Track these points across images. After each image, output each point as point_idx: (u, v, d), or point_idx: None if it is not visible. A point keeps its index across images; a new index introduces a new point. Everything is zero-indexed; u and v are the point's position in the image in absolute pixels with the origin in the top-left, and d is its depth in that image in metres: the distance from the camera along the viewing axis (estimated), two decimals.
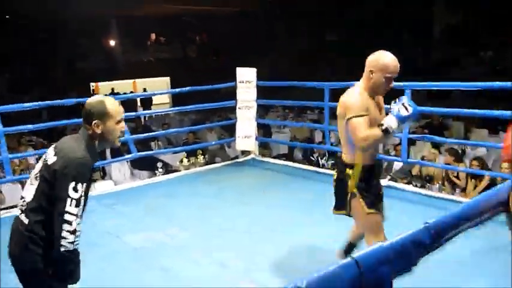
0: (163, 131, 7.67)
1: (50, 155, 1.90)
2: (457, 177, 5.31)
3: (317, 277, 0.73)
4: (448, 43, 14.60)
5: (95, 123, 1.91)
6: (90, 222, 4.22)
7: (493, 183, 4.81)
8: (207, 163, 6.84)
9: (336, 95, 5.46)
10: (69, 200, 1.79)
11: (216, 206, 4.46)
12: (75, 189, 1.80)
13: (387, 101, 2.56)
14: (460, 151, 6.21)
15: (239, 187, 5.07)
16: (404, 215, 3.98)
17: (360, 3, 15.60)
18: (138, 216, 4.30)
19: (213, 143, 7.41)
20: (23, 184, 6.38)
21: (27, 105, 4.79)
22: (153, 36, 21.86)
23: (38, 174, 1.90)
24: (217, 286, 2.94)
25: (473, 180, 5.15)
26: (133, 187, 5.41)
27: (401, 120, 2.26)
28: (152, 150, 8.01)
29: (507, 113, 4.25)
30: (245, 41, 19.68)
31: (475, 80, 4.75)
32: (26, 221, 1.90)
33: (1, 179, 5.23)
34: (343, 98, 2.44)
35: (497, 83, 4.02)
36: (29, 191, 1.91)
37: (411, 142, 6.49)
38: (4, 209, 4.88)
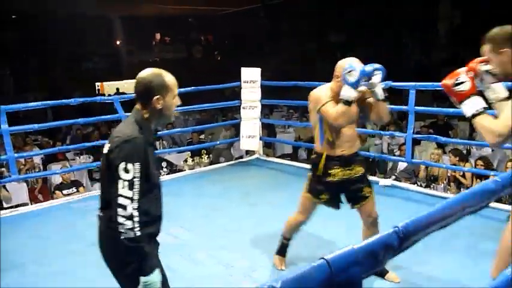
0: (168, 131, 7.69)
1: (105, 145, 1.79)
2: (463, 176, 5.30)
3: (291, 277, 0.76)
4: (451, 43, 14.56)
5: (156, 98, 1.77)
6: (93, 221, 4.27)
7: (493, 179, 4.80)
8: (211, 163, 6.87)
9: None
10: (120, 182, 1.65)
11: (220, 206, 4.48)
12: (126, 170, 1.65)
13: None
14: (465, 151, 6.19)
15: (244, 187, 5.08)
16: (404, 214, 3.99)
17: (360, 3, 15.59)
18: None
19: (218, 142, 7.43)
20: (28, 183, 6.44)
21: (32, 104, 4.83)
22: (158, 36, 21.94)
23: (100, 168, 1.82)
24: (222, 286, 2.96)
25: (478, 180, 5.14)
26: None
27: (352, 85, 2.48)
28: (157, 149, 8.04)
29: None
30: (249, 41, 19.73)
31: None
32: (102, 217, 1.85)
33: (7, 178, 5.26)
34: (312, 93, 2.76)
35: (502, 82, 3.99)
36: (99, 188, 1.85)
37: (416, 142, 6.48)
38: (10, 207, 4.92)
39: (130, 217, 1.66)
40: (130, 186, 1.66)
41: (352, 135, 2.76)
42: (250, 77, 5.89)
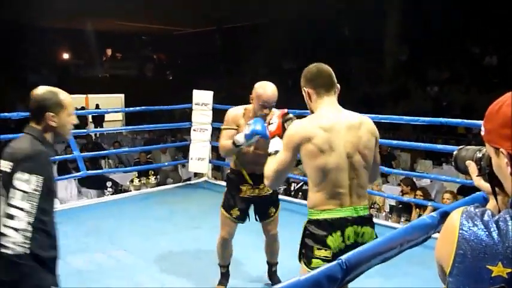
0: (115, 150, 7.51)
1: (2, 163, 1.68)
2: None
3: None
4: (398, 77, 15.29)
5: (48, 115, 1.73)
6: None
7: (429, 214, 5.03)
8: (158, 184, 6.74)
9: None
10: (17, 192, 1.54)
11: (165, 229, 4.39)
12: (27, 181, 1.56)
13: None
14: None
15: (190, 210, 5.02)
16: None
17: (313, 33, 16.12)
18: (83, 236, 4.16)
19: (166, 164, 7.32)
20: None
21: None
22: (109, 52, 21.54)
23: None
24: None
25: (417, 209, 5.36)
26: (79, 206, 5.24)
27: (246, 137, 2.65)
28: (102, 168, 7.81)
29: (449, 147, 4.49)
30: (203, 63, 19.78)
31: (422, 113, 5.00)
32: None
33: None
34: (227, 112, 3.01)
35: (443, 119, 4.25)
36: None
37: None
38: None
39: (22, 230, 1.54)
40: (29, 198, 1.56)
41: (259, 157, 2.79)
42: (202, 100, 5.89)
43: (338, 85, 2.07)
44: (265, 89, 2.78)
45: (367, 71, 16.24)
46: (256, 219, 3.09)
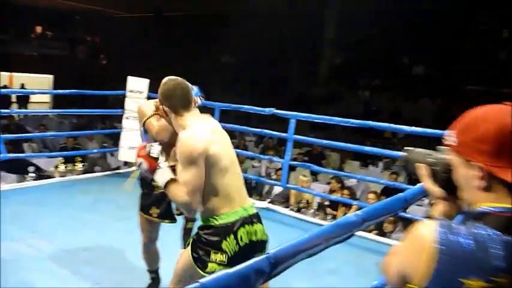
0: (40, 133, 7.11)
1: None
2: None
3: None
4: (332, 80, 15.82)
5: None
6: None
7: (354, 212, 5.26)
8: (85, 171, 6.48)
9: (226, 115, 5.58)
10: None
11: (89, 219, 4.22)
12: None
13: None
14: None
15: (117, 200, 4.86)
16: (276, 237, 4.17)
17: (255, 31, 16.22)
18: (1, 223, 3.90)
19: (95, 151, 7.05)
20: None
21: None
22: (38, 29, 20.29)
23: None
24: None
25: (343, 207, 5.58)
26: None
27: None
28: (24, 152, 7.37)
29: (375, 149, 4.73)
30: (138, 50, 19.23)
31: (353, 116, 5.20)
32: None
33: None
34: (138, 107, 2.93)
35: (372, 122, 4.44)
36: None
37: (291, 168, 6.84)
38: None
39: None
40: None
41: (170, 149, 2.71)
42: (137, 87, 5.73)
43: (196, 98, 2.16)
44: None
45: (303, 73, 16.65)
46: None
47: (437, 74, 14.15)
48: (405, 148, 1.24)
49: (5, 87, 16.51)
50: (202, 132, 1.91)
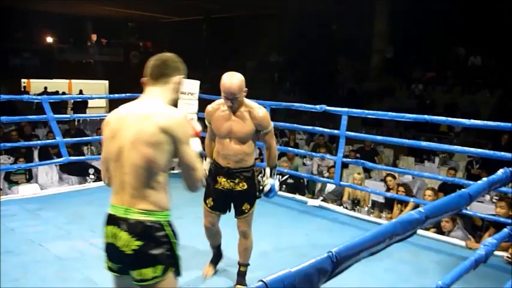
0: (98, 136, 7.40)
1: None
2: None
3: None
4: (383, 74, 15.43)
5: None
6: (9, 227, 4.00)
7: (416, 209, 5.08)
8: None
9: (277, 114, 5.57)
10: None
11: None
12: None
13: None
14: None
15: (173, 200, 4.97)
16: (332, 236, 4.13)
17: (301, 28, 16.11)
18: (64, 223, 4.10)
19: None
20: None
21: None
22: (94, 37, 21.20)
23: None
24: None
25: (398, 205, 5.43)
26: (61, 192, 5.16)
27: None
28: (85, 155, 7.71)
29: (433, 144, 4.54)
30: (188, 52, 19.61)
31: (406, 110, 5.05)
32: None
33: None
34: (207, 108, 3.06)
35: (428, 116, 4.29)
36: None
37: (344, 165, 6.73)
38: None
39: None
40: None
41: (239, 151, 2.84)
42: (189, 89, 5.82)
43: (178, 77, 1.95)
44: (225, 79, 2.76)
45: (353, 68, 16.35)
46: (235, 216, 3.07)
47: (496, 64, 13.46)
48: None
49: (64, 93, 17.36)
50: (115, 111, 1.86)
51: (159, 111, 1.77)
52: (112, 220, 1.77)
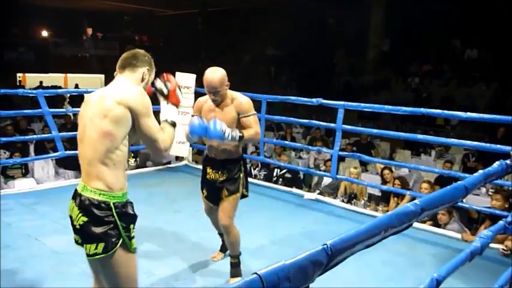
0: None
1: None
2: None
3: None
4: (379, 68, 15.42)
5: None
6: (6, 222, 3.99)
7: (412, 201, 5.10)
8: (138, 166, 6.68)
9: (273, 107, 5.56)
10: None
11: (144, 212, 4.32)
12: None
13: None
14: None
15: (170, 193, 4.99)
16: (328, 229, 4.14)
17: (297, 22, 16.07)
18: (61, 217, 4.08)
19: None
20: None
21: None
22: (89, 30, 21.07)
23: None
24: None
25: (395, 198, 5.45)
26: (57, 187, 5.15)
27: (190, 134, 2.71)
28: None
29: (429, 137, 4.55)
30: (184, 46, 19.54)
31: (402, 104, 5.04)
32: None
33: None
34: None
35: (424, 109, 4.29)
36: None
37: (341, 159, 6.74)
38: None
39: None
40: None
41: (221, 144, 2.86)
42: (185, 82, 5.81)
43: (145, 68, 2.04)
44: (207, 74, 2.80)
45: (349, 61, 16.32)
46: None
47: (492, 57, 13.46)
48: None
49: (59, 88, 17.28)
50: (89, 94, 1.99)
51: (118, 89, 1.89)
52: (73, 195, 1.91)
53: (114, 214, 1.83)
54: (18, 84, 17.97)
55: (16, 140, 6.10)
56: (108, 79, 2.21)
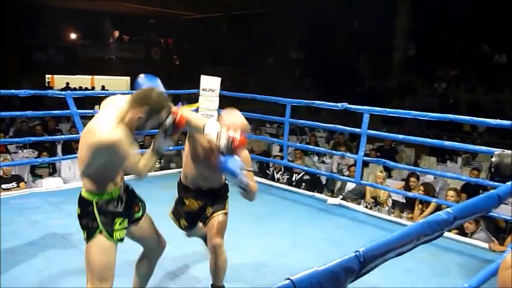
0: None
1: None
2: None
3: None
4: (405, 72, 15.22)
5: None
6: (34, 219, 4.08)
7: (438, 209, 5.01)
8: (162, 168, 6.74)
9: (297, 111, 5.56)
10: None
11: (166, 213, 4.38)
12: None
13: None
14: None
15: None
16: (351, 234, 4.10)
17: (320, 25, 16.02)
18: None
19: (171, 148, 7.31)
20: None
21: None
22: (116, 33, 21.44)
23: None
24: None
25: (420, 205, 5.35)
26: None
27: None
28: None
29: (457, 144, 4.46)
30: (209, 49, 19.70)
31: (427, 109, 4.97)
32: None
33: None
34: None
35: (452, 115, 4.21)
36: None
37: (364, 164, 6.66)
38: None
39: None
40: None
41: (208, 174, 2.65)
42: (210, 85, 5.86)
43: (144, 108, 2.13)
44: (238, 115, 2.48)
45: (374, 65, 16.17)
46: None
47: None
48: (496, 153, 1.17)
49: (86, 89, 17.61)
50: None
51: (98, 129, 2.08)
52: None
53: (95, 210, 2.18)
54: (47, 85, 18.39)
55: (44, 139, 6.24)
56: (134, 82, 2.33)
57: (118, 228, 2.24)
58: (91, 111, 5.84)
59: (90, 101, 15.72)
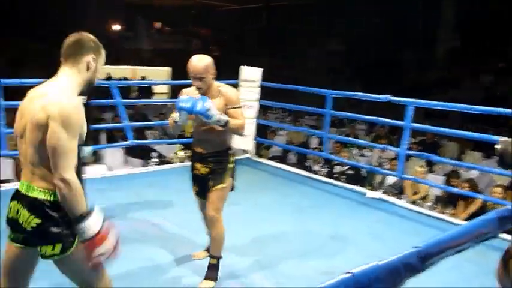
0: (160, 121, 7.63)
1: None
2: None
3: None
4: (450, 64, 14.75)
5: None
6: None
7: (483, 206, 4.85)
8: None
9: (337, 103, 5.49)
10: None
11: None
12: None
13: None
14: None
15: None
16: (392, 229, 4.03)
17: (365, 17, 15.70)
18: (128, 203, 4.27)
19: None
20: (15, 160, 6.32)
21: (29, 80, 4.75)
22: (157, 24, 21.78)
23: None
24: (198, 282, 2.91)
25: (463, 201, 5.19)
26: (125, 174, 5.38)
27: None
28: (147, 139, 7.98)
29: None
30: (249, 40, 19.71)
31: (471, 102, 4.81)
32: None
33: None
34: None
35: (498, 108, 4.06)
36: None
37: (406, 158, 6.51)
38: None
39: None
40: None
41: (204, 134, 2.83)
42: (250, 76, 5.86)
43: (87, 56, 1.94)
44: (192, 59, 2.76)
45: (418, 57, 15.74)
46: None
47: None
48: (500, 140, 1.11)
49: (125, 79, 18.00)
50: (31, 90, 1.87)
51: (49, 94, 1.76)
52: (16, 196, 1.78)
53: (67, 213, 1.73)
54: None
55: (90, 128, 6.41)
56: (175, 72, 2.29)
57: None
58: (135, 101, 5.97)
59: (133, 92, 16.08)
